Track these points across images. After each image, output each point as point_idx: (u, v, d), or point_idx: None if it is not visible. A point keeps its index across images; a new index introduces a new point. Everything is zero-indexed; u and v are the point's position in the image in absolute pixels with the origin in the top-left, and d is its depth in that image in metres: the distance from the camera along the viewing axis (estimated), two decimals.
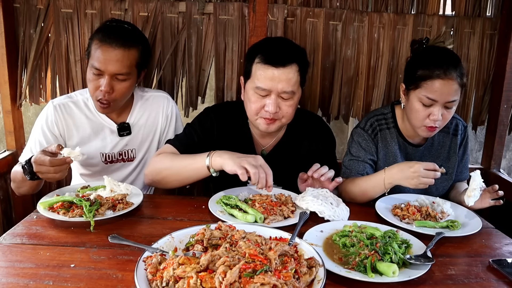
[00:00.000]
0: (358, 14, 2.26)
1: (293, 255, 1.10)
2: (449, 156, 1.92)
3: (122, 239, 1.25)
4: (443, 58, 1.67)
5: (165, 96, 2.05)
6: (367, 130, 1.87)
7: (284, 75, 1.64)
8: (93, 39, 1.76)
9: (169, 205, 1.63)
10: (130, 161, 2.01)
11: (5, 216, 2.21)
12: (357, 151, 1.85)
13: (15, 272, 1.11)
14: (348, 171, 1.84)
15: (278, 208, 1.54)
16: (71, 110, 1.90)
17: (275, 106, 1.66)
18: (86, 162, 1.94)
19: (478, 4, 2.31)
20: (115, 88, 1.76)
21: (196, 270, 0.98)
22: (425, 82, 1.65)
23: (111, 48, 1.71)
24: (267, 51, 1.68)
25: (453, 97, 1.64)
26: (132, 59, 1.77)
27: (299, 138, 1.90)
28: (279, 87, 1.64)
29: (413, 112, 1.72)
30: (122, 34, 1.75)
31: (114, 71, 1.73)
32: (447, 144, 1.92)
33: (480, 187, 1.59)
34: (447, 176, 1.91)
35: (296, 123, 1.86)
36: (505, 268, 1.23)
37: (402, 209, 1.61)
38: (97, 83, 1.75)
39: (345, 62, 2.32)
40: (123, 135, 1.94)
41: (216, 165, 1.57)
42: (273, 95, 1.66)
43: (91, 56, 1.75)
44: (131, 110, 1.97)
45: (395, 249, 1.22)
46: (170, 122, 2.04)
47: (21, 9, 2.15)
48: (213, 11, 2.19)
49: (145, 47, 1.86)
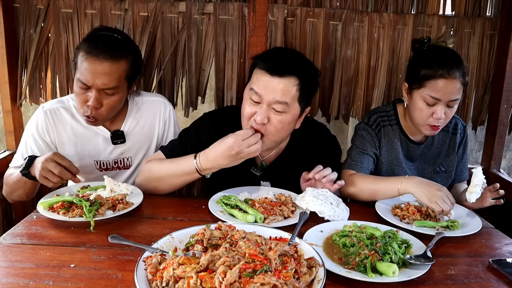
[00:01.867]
0: (358, 14, 2.26)
1: (293, 255, 1.10)
2: (448, 154, 1.94)
3: (122, 239, 1.25)
4: (446, 58, 1.69)
5: (161, 100, 1.97)
6: (371, 125, 1.88)
7: (279, 85, 1.56)
8: (79, 50, 1.65)
9: (169, 205, 1.63)
10: (126, 169, 1.95)
11: (5, 216, 2.21)
12: (362, 144, 1.86)
13: (15, 272, 1.11)
14: (354, 163, 1.83)
15: (278, 208, 1.54)
16: (62, 116, 1.81)
17: (264, 116, 1.57)
18: (81, 170, 1.82)
19: (478, 4, 2.31)
20: (103, 102, 1.66)
21: (196, 270, 0.98)
22: (428, 82, 1.68)
23: (98, 61, 1.59)
24: (268, 58, 1.63)
25: (456, 96, 1.67)
26: (121, 72, 1.66)
27: (303, 149, 1.81)
28: (270, 96, 1.56)
29: (417, 111, 1.74)
30: (109, 45, 1.63)
31: (101, 85, 1.62)
32: (447, 142, 1.94)
33: (482, 184, 1.60)
34: (446, 175, 1.93)
35: (300, 133, 1.78)
36: (505, 268, 1.23)
37: (402, 209, 1.61)
38: (84, 97, 1.65)
39: (345, 62, 2.32)
40: (117, 143, 1.86)
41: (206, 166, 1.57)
42: (264, 104, 1.58)
43: (78, 68, 1.64)
44: (126, 118, 1.88)
45: (395, 249, 1.22)
46: (168, 127, 1.98)
47: (21, 9, 2.15)
48: (213, 11, 2.19)
49: (135, 57, 1.74)
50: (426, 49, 1.83)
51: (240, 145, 1.50)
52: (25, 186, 1.67)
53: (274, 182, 1.83)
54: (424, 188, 1.55)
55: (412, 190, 1.57)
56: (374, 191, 1.69)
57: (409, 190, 1.59)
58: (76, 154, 1.84)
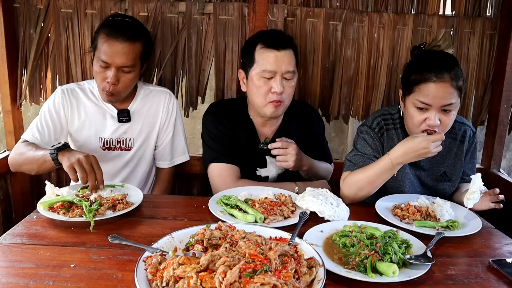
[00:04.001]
0: (358, 14, 2.26)
1: (293, 255, 1.10)
2: (455, 162, 1.86)
3: (122, 239, 1.25)
4: (435, 61, 1.63)
5: (167, 91, 2.10)
6: (374, 129, 1.83)
7: (285, 56, 1.80)
8: (99, 33, 1.84)
9: (169, 205, 1.63)
10: (127, 150, 2.04)
11: (5, 216, 2.21)
12: (363, 148, 1.81)
13: (15, 272, 1.11)
14: (352, 164, 1.78)
15: (278, 208, 1.54)
16: (77, 94, 2.00)
17: (281, 86, 1.80)
18: (85, 147, 1.99)
19: (478, 4, 2.30)
20: (120, 79, 1.85)
21: (196, 270, 0.98)
22: (417, 87, 1.62)
23: (117, 42, 1.79)
24: (267, 38, 1.84)
25: (448, 100, 1.59)
26: (137, 52, 1.86)
27: (294, 124, 2.04)
28: (282, 67, 1.79)
29: (409, 118, 1.68)
30: (127, 29, 1.83)
31: (120, 63, 1.81)
32: (453, 150, 1.86)
33: (480, 190, 1.58)
34: (450, 183, 1.86)
35: (289, 111, 1.98)
36: (505, 268, 1.23)
37: (402, 209, 1.61)
38: (104, 75, 1.84)
39: (345, 62, 2.32)
40: (122, 121, 1.99)
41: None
42: (278, 76, 1.80)
43: (98, 49, 1.83)
44: (133, 99, 2.03)
45: (395, 249, 1.22)
46: (170, 117, 2.08)
47: (21, 9, 2.15)
48: (213, 11, 2.19)
49: (148, 40, 1.95)
50: (417, 54, 1.79)
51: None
52: (42, 165, 1.72)
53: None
54: (413, 156, 1.57)
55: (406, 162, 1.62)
56: (371, 180, 1.64)
57: (404, 163, 1.62)
58: (84, 129, 1.99)
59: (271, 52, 1.80)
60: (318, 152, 2.06)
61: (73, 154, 1.61)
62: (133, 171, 2.07)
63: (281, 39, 1.85)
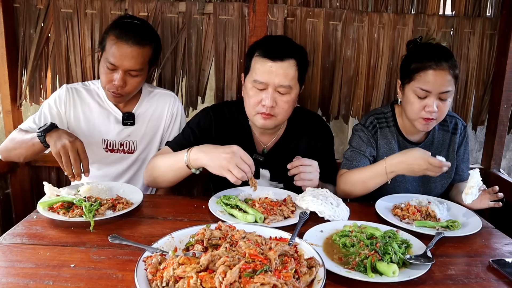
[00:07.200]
0: (358, 14, 2.26)
1: (293, 255, 1.10)
2: (448, 154, 1.93)
3: (122, 239, 1.25)
4: (434, 51, 1.73)
5: (172, 95, 2.09)
6: (368, 127, 1.90)
7: (281, 69, 1.66)
8: (108, 34, 1.81)
9: (169, 205, 1.63)
10: (130, 153, 2.02)
11: (5, 216, 2.21)
12: (358, 144, 1.88)
13: (15, 272, 1.11)
14: (349, 162, 1.84)
15: (278, 208, 1.54)
16: (82, 94, 1.98)
17: (272, 100, 1.67)
18: (88, 148, 1.92)
19: (478, 4, 2.31)
20: (127, 82, 1.83)
21: (196, 270, 0.98)
22: (418, 74, 1.71)
23: (127, 45, 1.76)
24: (266, 46, 1.71)
25: (446, 87, 1.68)
26: (146, 56, 1.83)
27: (298, 136, 1.91)
28: (276, 80, 1.66)
29: (409, 105, 1.76)
30: (137, 32, 1.80)
31: (129, 67, 1.79)
32: (447, 142, 1.93)
33: (478, 186, 1.59)
34: (446, 175, 1.91)
35: (295, 121, 1.88)
36: (505, 268, 1.23)
37: (402, 209, 1.61)
38: (110, 76, 1.81)
39: (345, 62, 2.32)
40: (126, 124, 1.98)
41: (195, 164, 1.58)
42: (270, 88, 1.67)
43: (106, 51, 1.80)
44: (138, 102, 2.01)
45: (395, 249, 1.22)
46: (174, 121, 2.06)
47: (21, 9, 2.15)
48: (213, 11, 2.19)
49: (157, 44, 1.92)
50: (416, 46, 1.88)
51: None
52: (30, 148, 1.72)
53: (275, 168, 1.87)
54: (408, 169, 1.60)
55: (400, 172, 1.64)
56: (364, 181, 1.71)
57: (397, 172, 1.64)
58: (88, 130, 1.97)
59: (266, 62, 1.66)
60: (322, 171, 1.75)
61: (60, 138, 1.59)
62: (136, 174, 2.06)
63: (281, 48, 1.69)
